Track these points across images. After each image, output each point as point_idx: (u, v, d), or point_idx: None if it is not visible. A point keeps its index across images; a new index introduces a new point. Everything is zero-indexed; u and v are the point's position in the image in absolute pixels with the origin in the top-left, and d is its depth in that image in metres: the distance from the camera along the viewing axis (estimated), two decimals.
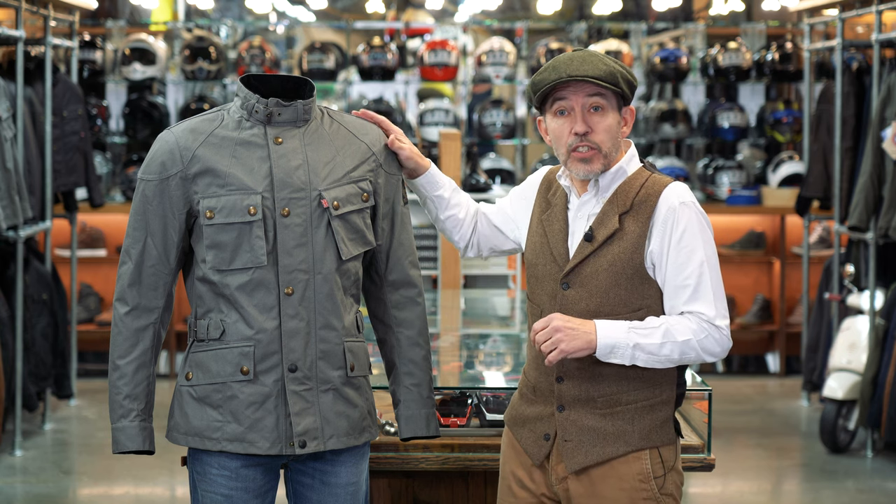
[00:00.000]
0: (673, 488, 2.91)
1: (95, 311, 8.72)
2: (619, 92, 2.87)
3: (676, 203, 2.85)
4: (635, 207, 2.86)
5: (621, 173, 2.90)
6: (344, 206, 2.90)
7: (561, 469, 2.91)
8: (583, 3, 12.58)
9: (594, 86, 2.84)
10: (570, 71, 2.83)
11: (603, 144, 2.86)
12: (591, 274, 2.85)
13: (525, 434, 2.96)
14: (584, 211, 2.91)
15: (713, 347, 2.82)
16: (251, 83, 2.97)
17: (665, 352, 2.79)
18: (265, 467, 2.93)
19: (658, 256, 2.84)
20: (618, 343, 2.78)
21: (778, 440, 7.09)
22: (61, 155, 7.37)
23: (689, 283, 2.82)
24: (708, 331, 2.81)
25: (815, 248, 8.76)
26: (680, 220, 2.83)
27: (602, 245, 2.85)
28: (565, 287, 2.87)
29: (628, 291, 2.84)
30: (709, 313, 2.81)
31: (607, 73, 2.84)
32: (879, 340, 6.51)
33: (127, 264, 2.91)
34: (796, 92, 10.05)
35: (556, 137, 2.90)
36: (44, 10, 7.17)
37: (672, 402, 2.92)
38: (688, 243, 2.83)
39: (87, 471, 6.47)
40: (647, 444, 2.88)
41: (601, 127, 2.86)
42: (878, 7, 6.86)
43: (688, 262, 2.82)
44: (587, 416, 2.88)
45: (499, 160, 9.40)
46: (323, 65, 9.33)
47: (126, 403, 2.90)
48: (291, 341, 2.86)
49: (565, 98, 2.86)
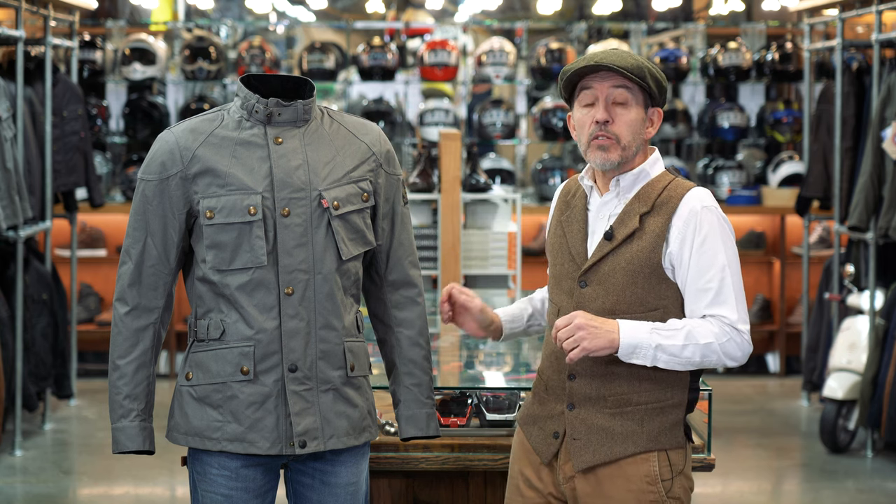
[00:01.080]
0: (681, 492, 2.90)
1: (95, 311, 8.72)
2: (646, 89, 2.87)
3: (699, 207, 2.85)
4: (656, 208, 2.86)
5: (644, 175, 2.90)
6: (344, 206, 2.90)
7: (568, 468, 2.90)
8: (583, 3, 12.58)
9: (620, 77, 2.85)
10: (598, 59, 2.85)
11: (622, 136, 2.86)
12: (609, 272, 2.86)
13: (535, 432, 2.96)
14: (605, 211, 2.91)
15: (735, 352, 2.82)
16: (251, 83, 2.97)
17: (687, 354, 2.79)
18: (265, 467, 2.93)
19: (678, 258, 2.84)
20: (640, 343, 2.78)
21: (778, 440, 7.09)
22: (61, 155, 7.38)
23: (712, 287, 2.82)
24: (730, 335, 2.81)
25: (815, 248, 8.76)
26: (702, 223, 2.83)
27: (621, 244, 2.85)
28: (583, 285, 2.88)
29: (645, 291, 2.84)
30: (731, 317, 2.81)
31: (635, 66, 2.85)
32: (879, 340, 6.51)
33: (127, 264, 2.91)
34: (796, 92, 10.05)
35: (580, 127, 2.91)
36: (44, 10, 7.17)
37: (683, 405, 2.91)
38: (710, 247, 2.83)
39: (87, 471, 6.47)
40: (655, 445, 2.87)
41: (623, 119, 2.86)
42: (878, 7, 6.86)
43: (710, 266, 2.82)
44: (597, 414, 2.87)
45: (499, 160, 9.40)
46: (323, 65, 9.33)
47: (126, 403, 2.90)
48: (291, 341, 2.86)
49: (591, 87, 2.87)
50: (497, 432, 3.42)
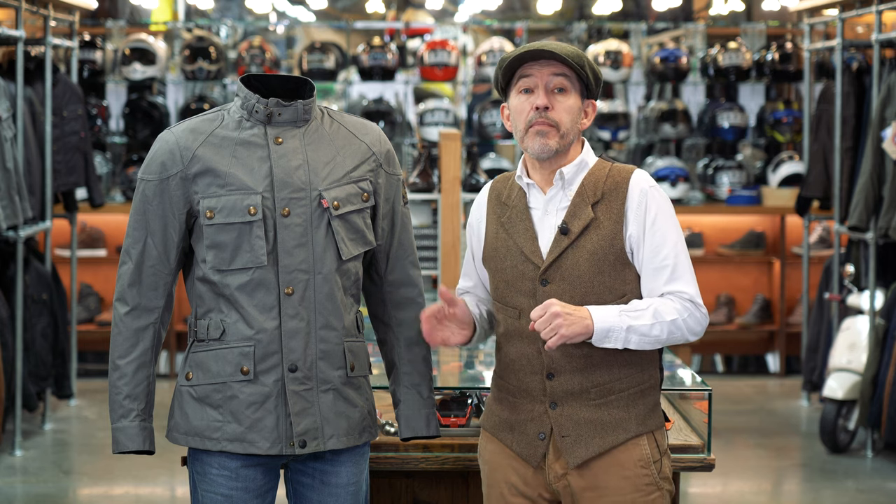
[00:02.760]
0: (668, 471, 2.95)
1: (95, 311, 8.72)
2: (583, 79, 2.91)
3: (647, 187, 2.90)
4: (606, 196, 2.89)
5: (584, 165, 2.94)
6: (344, 206, 2.90)
7: (559, 466, 2.91)
8: (583, 3, 12.58)
9: (560, 65, 2.89)
10: (539, 46, 2.89)
11: (562, 123, 2.89)
12: (572, 266, 2.87)
13: (516, 438, 2.95)
14: (552, 206, 2.93)
15: (695, 326, 2.87)
16: (251, 83, 2.98)
17: (655, 332, 2.83)
18: (265, 467, 2.93)
19: (636, 240, 2.88)
20: (612, 326, 2.81)
21: (778, 440, 7.09)
22: (61, 155, 7.38)
23: (668, 264, 2.86)
24: (690, 310, 2.86)
25: (815, 248, 8.76)
26: (650, 203, 2.89)
27: (578, 237, 2.88)
28: (544, 283, 2.88)
29: (612, 279, 2.87)
30: (690, 291, 2.87)
31: (575, 54, 2.90)
32: (879, 340, 6.51)
33: (127, 264, 2.91)
34: (796, 92, 10.05)
35: (517, 114, 2.93)
36: (44, 10, 7.17)
37: (658, 385, 2.97)
38: (661, 225, 2.88)
39: (87, 471, 6.47)
40: (644, 429, 2.90)
41: (562, 106, 2.89)
42: (878, 7, 6.86)
43: (663, 244, 2.87)
44: (582, 408, 2.89)
45: (499, 160, 9.39)
46: (323, 65, 9.33)
47: (126, 403, 2.91)
48: (291, 341, 2.87)
49: (530, 75, 2.91)
50: None
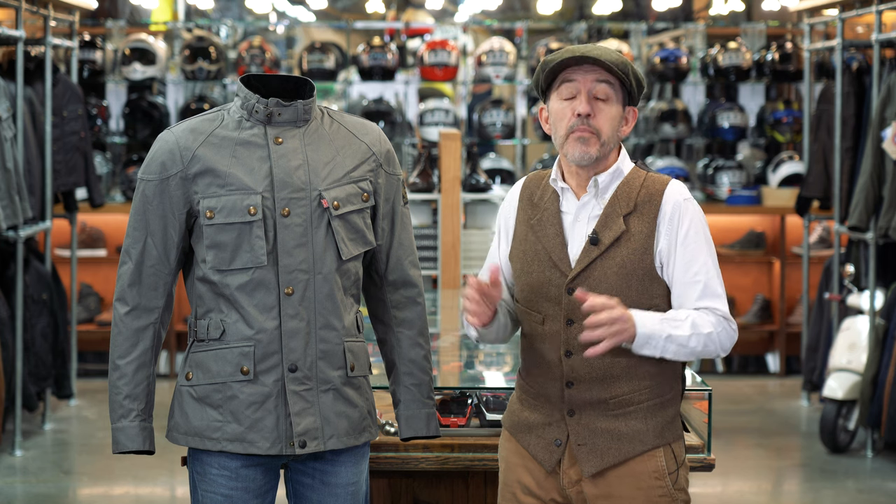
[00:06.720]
0: (684, 483, 2.92)
1: (95, 311, 8.72)
2: (626, 86, 2.87)
3: (681, 200, 2.86)
4: (639, 207, 2.85)
5: (618, 174, 2.89)
6: (344, 206, 2.90)
7: (574, 472, 2.89)
8: (583, 3, 12.58)
9: (604, 72, 2.84)
10: (584, 52, 2.83)
11: (603, 131, 2.84)
12: (600, 278, 2.83)
13: (533, 440, 2.94)
14: (583, 213, 2.89)
15: (727, 342, 2.85)
16: (251, 83, 2.97)
17: (692, 344, 2.80)
18: (265, 467, 2.93)
19: (666, 255, 2.84)
20: (653, 333, 2.78)
21: (778, 440, 7.09)
22: (61, 155, 7.37)
23: (700, 280, 2.83)
24: (724, 325, 2.83)
25: (815, 248, 8.76)
26: (684, 217, 2.84)
27: (609, 248, 2.84)
28: (571, 292, 2.84)
29: (639, 293, 2.84)
30: (723, 308, 2.84)
31: (619, 61, 2.84)
32: (879, 340, 6.51)
33: (127, 264, 2.91)
34: (796, 92, 10.05)
35: (558, 119, 2.87)
36: (44, 10, 7.17)
37: (678, 398, 2.93)
38: (694, 240, 2.84)
39: (87, 471, 6.47)
40: (661, 441, 2.88)
41: (604, 114, 2.85)
42: (878, 7, 6.86)
43: (695, 259, 2.83)
44: (599, 418, 2.87)
45: (499, 160, 9.40)
46: (323, 65, 9.33)
47: (126, 403, 2.91)
48: (291, 341, 2.86)
49: (573, 80, 2.85)
50: (497, 432, 3.41)
